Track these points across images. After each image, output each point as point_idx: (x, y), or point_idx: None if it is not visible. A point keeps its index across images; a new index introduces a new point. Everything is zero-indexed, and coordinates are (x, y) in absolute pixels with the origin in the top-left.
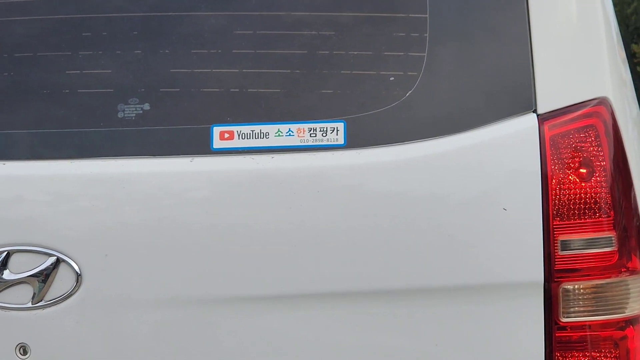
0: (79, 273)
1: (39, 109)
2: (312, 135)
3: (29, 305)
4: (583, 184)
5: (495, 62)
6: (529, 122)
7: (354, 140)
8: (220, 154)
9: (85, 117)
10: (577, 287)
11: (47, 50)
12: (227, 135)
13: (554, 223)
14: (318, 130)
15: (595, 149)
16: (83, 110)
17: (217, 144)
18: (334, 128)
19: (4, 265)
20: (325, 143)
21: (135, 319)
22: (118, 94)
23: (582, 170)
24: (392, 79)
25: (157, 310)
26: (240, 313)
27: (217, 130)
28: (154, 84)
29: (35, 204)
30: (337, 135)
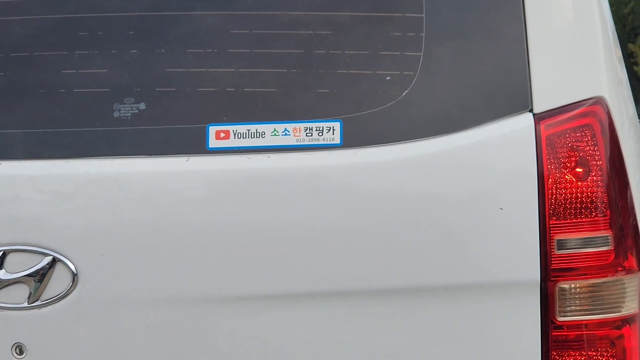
0: (75, 273)
1: (35, 109)
2: (308, 135)
3: (25, 305)
4: (579, 183)
5: (492, 61)
6: (525, 121)
7: (350, 140)
8: (216, 154)
9: (81, 116)
10: (573, 286)
11: (42, 50)
12: (223, 135)
13: (550, 222)
14: (314, 130)
15: (592, 149)
16: (79, 110)
17: (213, 144)
18: (330, 127)
19: (0, 265)
20: (322, 142)
21: (132, 319)
22: (114, 94)
23: (578, 170)
24: (388, 79)
25: (153, 310)
26: (237, 312)
27: (213, 130)
28: (150, 84)
29: (31, 204)
30: (333, 135)
